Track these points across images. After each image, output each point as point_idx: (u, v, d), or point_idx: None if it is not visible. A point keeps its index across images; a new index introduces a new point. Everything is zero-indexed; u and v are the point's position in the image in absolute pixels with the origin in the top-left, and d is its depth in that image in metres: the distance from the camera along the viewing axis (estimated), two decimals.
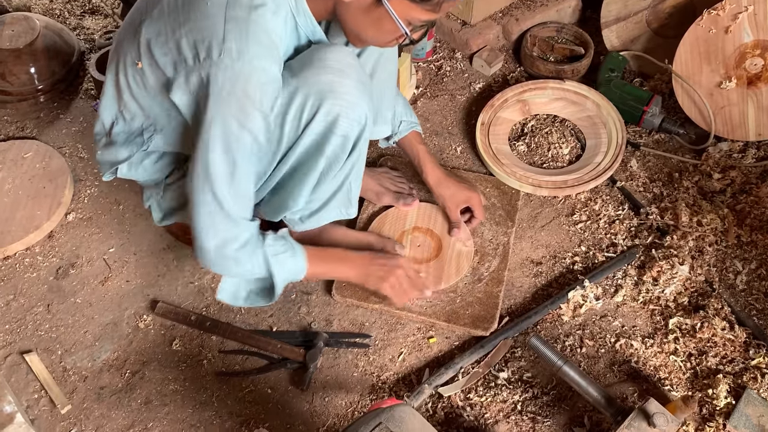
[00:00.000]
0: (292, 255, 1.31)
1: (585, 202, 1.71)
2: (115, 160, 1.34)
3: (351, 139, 1.28)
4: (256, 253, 1.25)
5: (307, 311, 1.55)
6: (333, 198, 1.41)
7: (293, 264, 1.31)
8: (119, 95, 1.28)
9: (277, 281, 1.28)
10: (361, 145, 1.32)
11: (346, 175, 1.37)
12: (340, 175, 1.36)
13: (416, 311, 1.51)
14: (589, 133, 1.83)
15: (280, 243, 1.29)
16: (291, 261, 1.30)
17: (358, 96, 1.24)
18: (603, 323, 1.50)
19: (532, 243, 1.65)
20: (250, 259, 1.25)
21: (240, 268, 1.25)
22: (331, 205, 1.42)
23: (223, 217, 1.19)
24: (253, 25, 1.10)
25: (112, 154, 1.34)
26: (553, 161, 1.79)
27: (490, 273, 1.57)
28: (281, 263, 1.28)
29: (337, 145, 1.28)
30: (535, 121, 1.88)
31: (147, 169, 1.36)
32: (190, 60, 1.11)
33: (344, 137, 1.27)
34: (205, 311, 1.56)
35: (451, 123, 1.91)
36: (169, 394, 1.45)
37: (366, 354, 1.49)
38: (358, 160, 1.36)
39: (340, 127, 1.25)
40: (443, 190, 1.59)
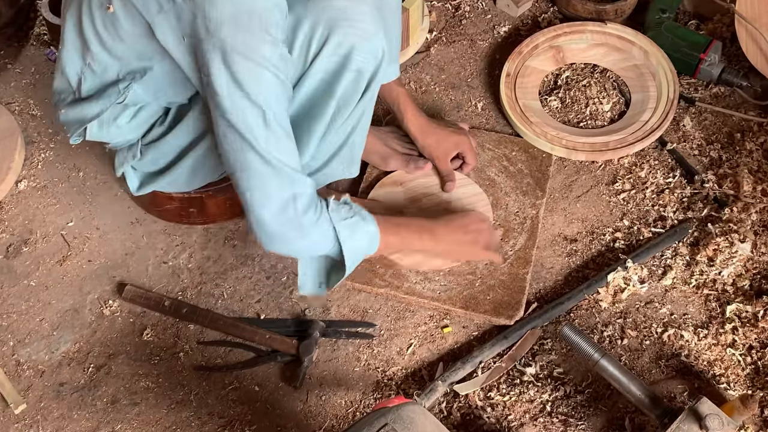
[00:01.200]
0: (363, 221, 1.29)
1: (629, 167, 1.71)
2: (83, 117, 1.35)
3: (365, 75, 1.28)
4: (321, 218, 1.24)
5: (300, 296, 1.56)
6: (337, 153, 1.41)
7: (365, 233, 1.29)
8: (85, 46, 1.29)
9: (347, 253, 1.27)
10: (374, 86, 1.32)
11: (354, 124, 1.37)
12: (348, 123, 1.35)
13: (428, 296, 1.52)
14: (635, 86, 1.82)
15: (344, 208, 1.28)
16: (362, 229, 1.29)
17: (374, 24, 1.24)
18: (648, 310, 1.51)
19: (566, 216, 1.66)
20: (315, 225, 1.23)
21: (305, 239, 1.24)
22: (333, 163, 1.42)
23: (273, 175, 1.18)
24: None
25: (79, 112, 1.35)
26: (591, 119, 1.80)
27: (516, 252, 1.57)
28: (351, 231, 1.27)
29: (349, 84, 1.28)
30: (570, 71, 1.87)
31: (121, 126, 1.37)
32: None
33: (358, 73, 1.27)
34: (181, 296, 1.57)
35: (471, 74, 1.90)
36: (139, 391, 1.46)
37: (369, 346, 1.50)
38: (368, 105, 1.36)
39: (355, 61, 1.25)
40: (428, 138, 1.60)
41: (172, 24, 1.15)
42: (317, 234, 1.25)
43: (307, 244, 1.27)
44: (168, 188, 1.50)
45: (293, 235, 1.24)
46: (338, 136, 1.37)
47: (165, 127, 1.38)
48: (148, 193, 1.54)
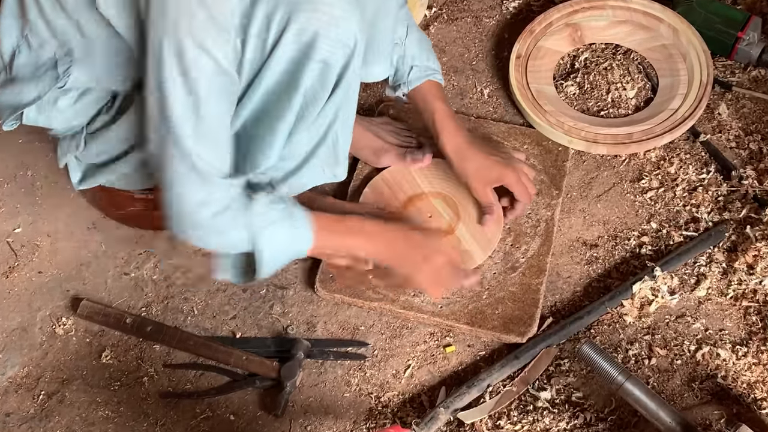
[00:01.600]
0: (291, 225, 1.30)
1: (657, 162, 1.70)
2: (18, 102, 1.33)
3: (335, 68, 1.27)
4: (237, 222, 1.25)
5: (282, 311, 1.56)
6: (314, 153, 1.40)
7: (290, 237, 1.30)
8: (23, 14, 1.28)
9: (264, 258, 1.28)
10: (348, 78, 1.31)
11: (331, 120, 1.36)
12: (321, 120, 1.35)
13: (428, 311, 1.51)
14: (663, 69, 1.81)
15: (275, 208, 1.29)
16: (287, 233, 1.29)
17: (344, 8, 1.23)
18: (680, 326, 1.50)
19: (585, 218, 1.65)
20: (229, 228, 1.25)
21: (223, 238, 1.27)
22: (311, 164, 1.41)
23: (191, 174, 1.20)
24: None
25: (14, 95, 1.33)
26: (613, 107, 1.79)
27: (528, 259, 1.57)
28: (272, 236, 1.28)
29: (315, 76, 1.27)
30: (589, 52, 1.87)
31: (63, 111, 1.35)
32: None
33: (324, 64, 1.26)
34: (145, 312, 1.56)
35: (476, 56, 1.89)
36: (97, 422, 1.45)
37: (361, 368, 1.49)
38: (345, 100, 1.35)
39: (319, 50, 1.23)
40: (464, 164, 1.55)
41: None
42: (231, 236, 1.27)
43: (224, 244, 1.29)
44: (117, 184, 1.48)
45: (209, 234, 1.26)
46: (310, 135, 1.36)
47: (110, 116, 1.37)
48: (106, 195, 1.53)
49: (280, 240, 1.29)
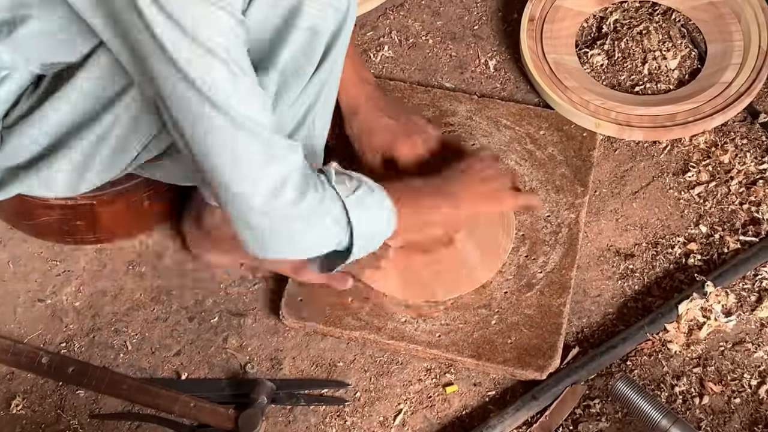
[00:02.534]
0: (370, 192, 1.32)
1: (706, 150, 1.70)
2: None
3: (324, 34, 1.29)
4: (326, 197, 1.27)
5: (239, 344, 1.55)
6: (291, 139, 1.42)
7: (376, 209, 1.32)
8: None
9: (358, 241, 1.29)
10: (336, 51, 1.34)
11: (312, 100, 1.39)
12: (304, 97, 1.37)
13: (423, 341, 1.51)
14: (712, 33, 1.83)
15: (344, 177, 1.31)
16: (373, 203, 1.32)
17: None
18: (738, 355, 1.49)
19: (617, 221, 1.65)
20: (320, 207, 1.26)
21: (312, 230, 1.27)
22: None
23: (256, 147, 1.20)
24: None
25: None
26: (651, 82, 1.79)
27: (548, 274, 1.57)
28: (363, 207, 1.29)
29: (298, 48, 1.29)
30: (620, 13, 1.87)
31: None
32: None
33: (312, 32, 1.28)
34: (65, 348, 1.55)
35: (479, 19, 1.90)
36: None
37: (340, 414, 1.48)
38: (331, 74, 1.38)
39: (305, 15, 1.25)
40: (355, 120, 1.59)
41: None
42: (327, 220, 1.27)
43: (315, 238, 1.29)
44: (42, 191, 1.45)
45: (297, 227, 1.25)
46: (287, 119, 1.38)
47: (35, 101, 1.36)
48: (13, 201, 1.49)
49: (373, 221, 1.31)
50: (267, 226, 1.25)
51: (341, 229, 1.29)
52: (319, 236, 1.30)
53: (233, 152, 1.20)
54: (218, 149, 1.21)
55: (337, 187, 1.29)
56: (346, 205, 1.29)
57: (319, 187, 1.27)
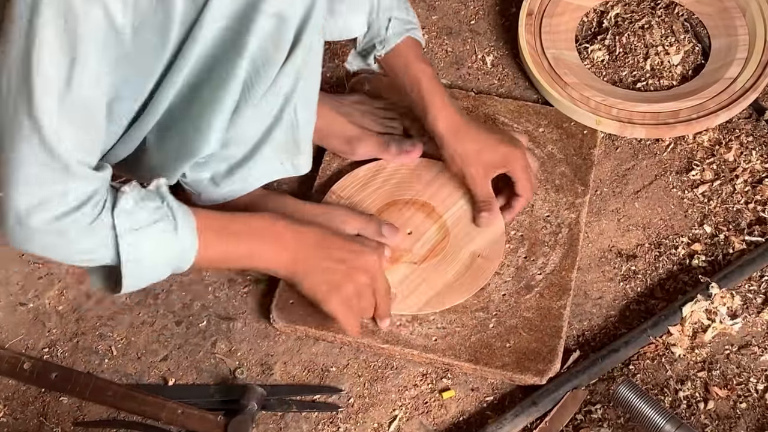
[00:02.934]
0: (170, 227, 1.28)
1: (711, 148, 1.70)
2: None
3: (291, 22, 1.29)
4: (97, 225, 1.23)
5: (228, 349, 1.54)
6: (267, 139, 1.43)
7: (169, 245, 1.29)
8: None
9: (126, 270, 1.27)
10: (309, 36, 1.33)
11: (287, 93, 1.39)
12: (274, 93, 1.37)
13: (419, 345, 1.50)
14: (717, 28, 1.83)
15: (148, 206, 1.27)
16: (164, 239, 1.28)
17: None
18: (744, 358, 1.48)
19: (619, 222, 1.65)
20: (86, 233, 1.23)
21: (73, 246, 1.24)
22: (264, 152, 1.44)
23: (44, 157, 1.17)
24: None
25: None
26: (654, 78, 1.79)
27: (547, 276, 1.56)
28: (142, 243, 1.27)
29: (266, 36, 1.28)
30: (621, 6, 1.88)
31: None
32: None
33: (278, 18, 1.27)
34: (48, 353, 1.54)
35: (475, 13, 1.91)
36: None
37: (333, 421, 1.47)
38: (305, 67, 1.37)
39: (269, 1, 1.24)
40: (463, 145, 1.57)
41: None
42: (89, 243, 1.24)
43: (74, 253, 1.26)
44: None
45: (52, 240, 1.23)
46: (261, 113, 1.38)
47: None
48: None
49: (154, 250, 1.28)
50: (19, 230, 1.21)
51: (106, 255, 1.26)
52: (77, 253, 1.26)
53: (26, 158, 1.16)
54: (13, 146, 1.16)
55: (117, 219, 1.24)
56: (119, 238, 1.24)
57: (94, 211, 1.23)
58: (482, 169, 1.58)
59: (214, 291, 1.59)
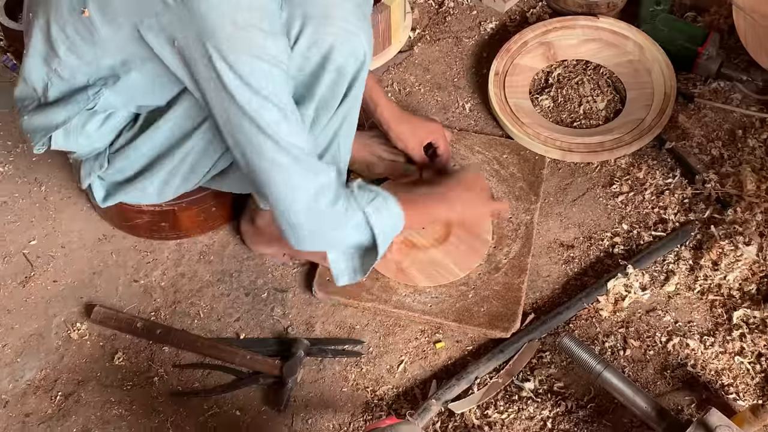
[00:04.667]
0: (385, 201, 1.33)
1: (626, 168, 1.71)
2: (49, 124, 1.35)
3: (347, 76, 1.29)
4: (351, 206, 1.28)
5: (282, 313, 1.56)
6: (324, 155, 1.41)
7: (391, 213, 1.34)
8: (52, 51, 1.29)
9: (379, 237, 1.31)
10: (356, 88, 1.33)
11: (337, 128, 1.37)
12: (330, 125, 1.36)
13: (419, 310, 1.53)
14: (630, 83, 1.84)
15: (366, 191, 1.32)
16: (388, 209, 1.33)
17: (356, 23, 1.25)
18: (651, 319, 1.51)
19: (562, 221, 1.66)
20: (347, 214, 1.28)
21: (340, 230, 1.29)
22: None
23: (298, 167, 1.23)
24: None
25: (45, 118, 1.35)
26: (585, 119, 1.81)
27: (510, 260, 1.58)
28: (379, 213, 1.31)
29: (329, 85, 1.28)
30: (562, 68, 1.88)
31: (90, 135, 1.37)
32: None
33: (338, 74, 1.28)
34: (154, 316, 1.56)
35: (457, 73, 1.90)
36: (112, 420, 1.45)
37: (358, 364, 1.50)
38: (351, 109, 1.37)
39: (334, 61, 1.25)
40: (402, 126, 1.61)
41: (164, 26, 1.16)
42: (351, 222, 1.29)
43: (341, 235, 1.31)
44: (137, 199, 1.50)
45: (327, 227, 1.28)
46: (318, 142, 1.37)
47: (134, 133, 1.38)
48: (116, 208, 1.54)
49: (387, 219, 1.33)
50: (303, 226, 1.26)
51: (362, 230, 1.30)
52: (344, 235, 1.32)
53: (284, 174, 1.23)
54: (268, 168, 1.23)
55: (358, 199, 1.30)
56: (366, 212, 1.29)
57: (345, 198, 1.28)
58: (416, 142, 1.62)
59: (272, 271, 1.60)
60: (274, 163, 1.22)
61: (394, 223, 1.36)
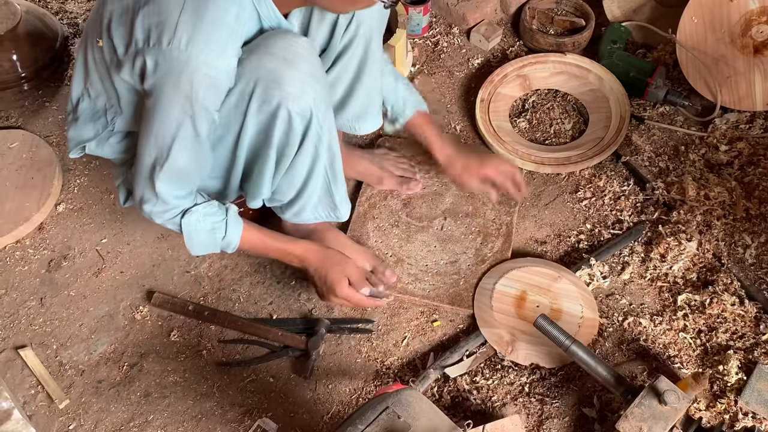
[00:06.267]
0: (220, 235, 1.32)
1: (589, 178, 1.71)
2: (81, 138, 1.36)
3: (297, 131, 1.25)
4: (172, 222, 1.29)
5: (307, 297, 1.55)
6: (304, 191, 1.37)
7: (213, 240, 1.33)
8: (86, 72, 1.29)
9: (188, 246, 1.33)
10: (311, 139, 1.27)
11: (309, 167, 1.32)
12: (298, 167, 1.32)
13: (419, 294, 1.52)
14: (592, 108, 1.83)
15: (208, 221, 1.31)
16: (210, 238, 1.32)
17: (301, 88, 1.20)
18: (610, 302, 1.51)
19: (536, 222, 1.65)
20: (165, 222, 1.30)
21: (156, 222, 1.31)
22: (308, 200, 1.39)
23: (148, 186, 1.24)
24: (210, 15, 1.09)
25: (78, 131, 1.35)
26: (555, 137, 1.79)
27: (494, 254, 1.58)
28: (197, 235, 1.32)
29: (282, 136, 1.25)
30: (536, 96, 1.87)
31: (113, 147, 1.37)
32: (140, 42, 1.11)
33: (288, 126, 1.24)
34: (202, 300, 1.56)
35: (450, 101, 1.90)
36: (168, 386, 1.45)
37: (369, 340, 1.49)
38: (318, 155, 1.30)
39: (281, 117, 1.22)
40: (455, 164, 1.55)
41: (131, 62, 1.15)
42: (168, 226, 1.31)
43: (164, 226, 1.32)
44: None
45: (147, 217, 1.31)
46: (292, 177, 1.34)
47: None
48: None
49: (203, 240, 1.32)
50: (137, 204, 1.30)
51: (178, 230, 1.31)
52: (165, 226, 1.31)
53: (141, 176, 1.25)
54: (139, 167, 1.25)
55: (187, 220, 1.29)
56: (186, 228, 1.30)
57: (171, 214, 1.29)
58: (468, 177, 1.55)
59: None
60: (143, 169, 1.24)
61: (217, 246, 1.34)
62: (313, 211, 1.42)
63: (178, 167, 1.22)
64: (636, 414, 1.21)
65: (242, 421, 1.39)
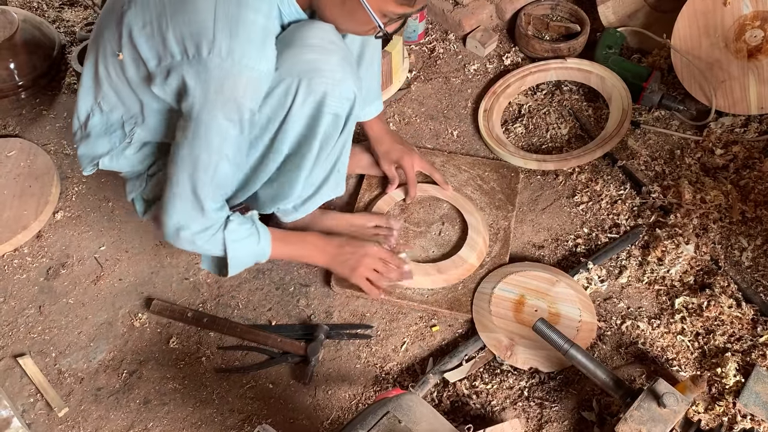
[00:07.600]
0: (256, 240, 1.32)
1: (586, 182, 1.71)
2: (94, 154, 1.34)
3: (342, 116, 1.28)
4: (215, 237, 1.27)
5: (306, 304, 1.56)
6: (326, 181, 1.41)
7: (253, 248, 1.32)
8: (98, 86, 1.28)
9: (231, 263, 1.30)
10: (351, 123, 1.32)
11: (338, 155, 1.38)
12: (332, 155, 1.36)
13: (418, 300, 1.52)
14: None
15: (245, 227, 1.30)
16: (251, 246, 1.31)
17: (343, 72, 1.23)
18: (608, 305, 1.51)
19: (534, 226, 1.65)
20: (207, 242, 1.27)
21: (195, 248, 1.28)
22: (323, 189, 1.43)
23: (193, 206, 1.22)
24: (244, 17, 1.10)
25: (90, 148, 1.34)
26: (552, 142, 1.80)
27: (492, 258, 1.57)
28: (240, 247, 1.30)
29: (328, 125, 1.27)
30: (533, 101, 1.89)
31: (129, 159, 1.36)
32: (177, 55, 1.11)
33: (335, 115, 1.27)
34: (201, 307, 1.56)
35: (446, 106, 1.90)
36: (168, 392, 1.45)
37: (368, 345, 1.49)
38: (347, 138, 1.37)
39: (329, 105, 1.24)
40: (380, 145, 1.60)
41: (166, 75, 1.15)
42: (208, 247, 1.28)
43: (197, 250, 1.30)
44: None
45: (185, 244, 1.27)
46: (325, 167, 1.38)
47: (165, 161, 1.34)
48: None
49: (245, 251, 1.31)
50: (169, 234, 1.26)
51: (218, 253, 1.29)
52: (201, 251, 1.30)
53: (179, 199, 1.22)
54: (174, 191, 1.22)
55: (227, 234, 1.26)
56: (228, 245, 1.27)
57: (214, 231, 1.26)
58: (386, 161, 1.61)
59: (297, 269, 1.59)
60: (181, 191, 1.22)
61: (253, 257, 1.34)
62: (322, 197, 1.44)
63: (220, 177, 1.20)
64: (635, 417, 1.21)
65: (242, 428, 1.39)
